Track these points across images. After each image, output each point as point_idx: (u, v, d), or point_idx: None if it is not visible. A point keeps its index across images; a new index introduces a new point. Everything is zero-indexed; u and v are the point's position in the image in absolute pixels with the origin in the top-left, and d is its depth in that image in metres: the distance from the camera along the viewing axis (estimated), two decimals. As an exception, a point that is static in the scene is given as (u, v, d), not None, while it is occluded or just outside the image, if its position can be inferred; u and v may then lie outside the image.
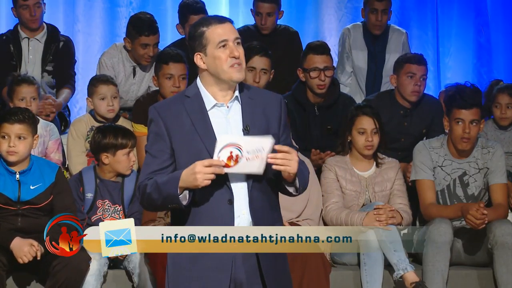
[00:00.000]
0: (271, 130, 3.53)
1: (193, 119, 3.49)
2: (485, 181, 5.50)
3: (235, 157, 3.32)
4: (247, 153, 3.33)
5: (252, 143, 3.34)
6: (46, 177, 5.09)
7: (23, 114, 5.03)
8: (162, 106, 3.57)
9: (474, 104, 5.36)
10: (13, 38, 6.68)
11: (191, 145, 3.45)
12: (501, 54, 7.96)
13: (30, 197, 5.02)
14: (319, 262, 5.12)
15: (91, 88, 5.98)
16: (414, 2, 7.93)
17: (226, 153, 3.32)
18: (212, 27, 3.47)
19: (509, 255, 5.22)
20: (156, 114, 3.53)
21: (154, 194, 3.44)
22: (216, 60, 3.46)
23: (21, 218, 5.00)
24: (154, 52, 6.43)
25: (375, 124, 5.51)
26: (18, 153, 4.99)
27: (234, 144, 3.33)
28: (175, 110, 3.51)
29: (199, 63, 3.50)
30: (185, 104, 3.51)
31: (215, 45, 3.46)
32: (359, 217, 5.28)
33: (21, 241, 4.88)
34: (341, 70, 7.04)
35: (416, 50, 6.97)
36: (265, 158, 3.34)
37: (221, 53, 3.46)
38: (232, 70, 3.46)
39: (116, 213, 5.34)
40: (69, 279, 4.88)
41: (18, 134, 4.98)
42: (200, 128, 3.47)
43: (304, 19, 7.86)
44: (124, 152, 5.34)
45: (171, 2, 7.62)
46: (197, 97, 3.52)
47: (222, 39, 3.46)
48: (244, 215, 3.47)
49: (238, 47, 3.48)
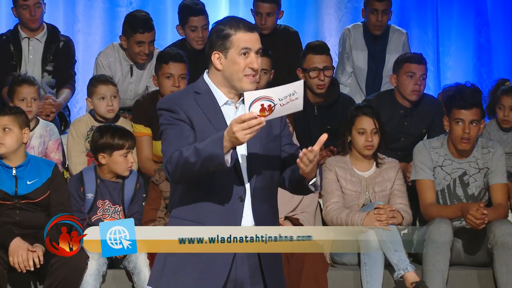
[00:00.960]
0: (274, 130, 3.54)
1: (207, 113, 3.46)
2: (485, 181, 5.50)
3: (268, 107, 3.26)
4: (280, 101, 3.28)
5: (282, 91, 3.29)
6: (43, 172, 5.13)
7: (10, 108, 5.14)
8: (176, 97, 3.53)
9: (474, 104, 5.36)
10: (13, 38, 6.68)
11: (208, 138, 3.39)
12: (501, 54, 7.96)
13: (27, 191, 5.06)
14: (317, 261, 5.12)
15: (90, 88, 5.98)
16: (414, 2, 7.93)
17: (257, 106, 3.26)
18: (240, 33, 3.45)
19: (509, 255, 5.22)
20: (172, 104, 3.48)
21: (192, 158, 3.31)
22: (234, 65, 3.45)
23: (19, 212, 5.04)
24: (149, 50, 6.44)
25: (375, 124, 5.51)
26: (5, 144, 5.04)
27: (263, 97, 3.27)
28: (188, 103, 3.48)
29: (216, 62, 3.48)
30: (196, 99, 3.49)
31: (238, 50, 3.44)
32: (360, 217, 5.28)
33: (19, 243, 4.89)
34: (341, 70, 7.04)
35: (416, 50, 6.97)
36: (301, 97, 3.31)
37: (241, 60, 3.44)
38: (246, 80, 3.45)
39: (116, 214, 5.34)
40: (67, 278, 4.90)
41: (3, 125, 5.04)
42: (215, 122, 3.45)
43: (304, 19, 7.86)
44: (121, 153, 5.31)
45: (171, 2, 7.62)
46: (209, 93, 3.51)
47: (247, 46, 3.44)
48: (249, 216, 3.47)
49: (258, 59, 3.47)
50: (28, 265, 4.87)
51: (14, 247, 4.89)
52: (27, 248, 4.88)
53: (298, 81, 3.33)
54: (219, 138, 3.28)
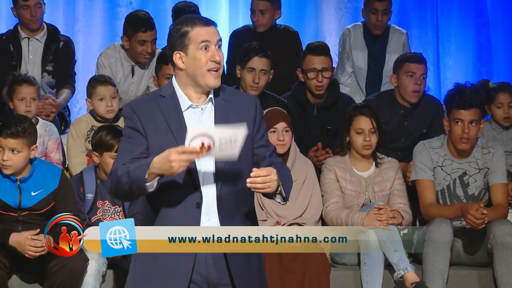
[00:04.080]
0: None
1: (168, 118, 3.48)
2: (485, 181, 5.50)
3: (207, 147, 3.28)
4: (220, 143, 3.29)
5: (224, 134, 3.30)
6: (49, 182, 5.06)
7: (17, 128, 4.93)
8: (138, 104, 3.56)
9: (474, 104, 5.36)
10: (13, 38, 6.68)
11: (165, 144, 3.42)
12: (501, 54, 7.96)
13: (31, 204, 5.00)
14: (320, 262, 5.12)
15: (89, 89, 5.98)
16: (414, 2, 7.94)
17: (197, 143, 3.29)
18: (197, 28, 3.46)
19: (509, 255, 5.22)
20: (131, 111, 3.52)
21: (124, 178, 3.41)
22: (196, 61, 3.45)
23: (21, 225, 4.99)
24: (152, 48, 6.44)
25: (373, 124, 5.51)
26: (12, 166, 4.95)
27: (205, 134, 3.29)
28: (150, 109, 3.50)
29: (178, 62, 3.48)
30: (160, 104, 3.50)
31: (197, 45, 3.45)
32: (360, 217, 5.28)
33: (18, 236, 4.87)
34: (341, 70, 7.04)
35: (416, 50, 6.96)
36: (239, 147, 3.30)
37: (202, 55, 3.45)
38: (209, 75, 3.46)
39: (116, 214, 5.34)
40: (66, 281, 4.88)
41: (12, 148, 4.93)
42: (174, 128, 3.46)
43: (304, 19, 7.87)
44: (111, 154, 5.26)
45: (171, 2, 7.62)
46: (173, 97, 3.51)
47: (205, 39, 3.44)
48: (214, 219, 3.47)
49: (219, 52, 3.48)
50: (38, 250, 4.84)
51: (14, 241, 4.87)
52: (26, 238, 4.85)
53: (241, 129, 3.31)
54: (145, 165, 3.35)
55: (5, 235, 4.90)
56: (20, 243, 4.86)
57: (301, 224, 5.29)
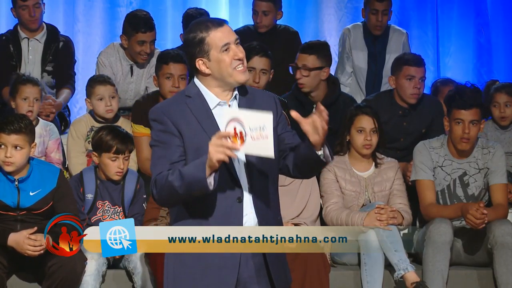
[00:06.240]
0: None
1: (198, 117, 3.48)
2: (485, 181, 5.50)
3: (240, 134, 3.28)
4: (250, 130, 3.29)
5: (251, 117, 3.30)
6: (47, 182, 5.05)
7: (20, 124, 4.95)
8: (165, 106, 3.55)
9: (474, 104, 5.36)
10: (12, 38, 6.68)
11: (199, 143, 3.42)
12: (501, 54, 7.96)
13: (29, 203, 5.00)
14: (320, 262, 5.12)
15: (88, 89, 5.98)
16: (414, 2, 7.94)
17: (230, 128, 3.29)
18: (212, 32, 3.47)
19: (509, 255, 5.22)
20: (161, 114, 3.50)
21: (177, 182, 3.34)
22: (221, 64, 3.47)
23: (20, 224, 4.98)
24: (150, 49, 6.44)
25: (374, 123, 5.51)
26: (15, 163, 4.95)
27: (235, 118, 3.29)
28: (179, 109, 3.50)
29: (202, 68, 3.50)
30: (188, 104, 3.51)
31: (218, 49, 3.46)
32: (360, 217, 5.27)
33: (16, 236, 4.87)
34: (341, 70, 7.04)
35: (416, 50, 6.97)
36: (271, 138, 3.30)
37: (225, 56, 3.47)
38: (237, 72, 3.48)
39: (116, 214, 5.34)
40: (64, 280, 4.88)
41: (15, 144, 4.94)
42: (206, 126, 3.46)
43: (304, 19, 7.87)
44: (109, 156, 5.26)
45: (171, 2, 7.62)
46: (199, 96, 3.52)
47: (225, 42, 3.47)
48: (251, 214, 3.48)
49: (239, 48, 3.50)
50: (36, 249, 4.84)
51: (13, 241, 4.87)
52: (25, 237, 4.85)
53: (268, 114, 3.31)
54: (201, 163, 3.31)
55: (3, 235, 4.90)
56: (18, 242, 4.86)
57: (298, 224, 5.30)
